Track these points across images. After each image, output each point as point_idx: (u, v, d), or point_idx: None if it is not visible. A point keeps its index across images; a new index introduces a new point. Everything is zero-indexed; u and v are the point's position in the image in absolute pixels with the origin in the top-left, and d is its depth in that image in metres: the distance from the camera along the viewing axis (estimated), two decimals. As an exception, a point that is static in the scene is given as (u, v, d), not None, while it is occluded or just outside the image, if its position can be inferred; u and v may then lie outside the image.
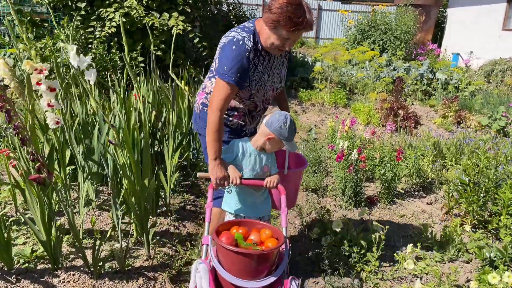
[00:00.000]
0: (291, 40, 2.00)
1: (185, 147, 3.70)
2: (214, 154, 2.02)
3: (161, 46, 6.40)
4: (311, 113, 6.78)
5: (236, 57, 1.99)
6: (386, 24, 11.32)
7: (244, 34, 2.05)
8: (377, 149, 4.08)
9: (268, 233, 1.86)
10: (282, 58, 2.26)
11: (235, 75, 2.00)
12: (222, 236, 1.77)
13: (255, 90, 2.13)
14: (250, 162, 2.10)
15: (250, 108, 2.22)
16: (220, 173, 2.01)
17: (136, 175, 2.33)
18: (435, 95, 8.43)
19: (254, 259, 1.68)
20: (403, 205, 3.67)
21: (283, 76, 2.29)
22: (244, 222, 1.96)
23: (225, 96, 2.02)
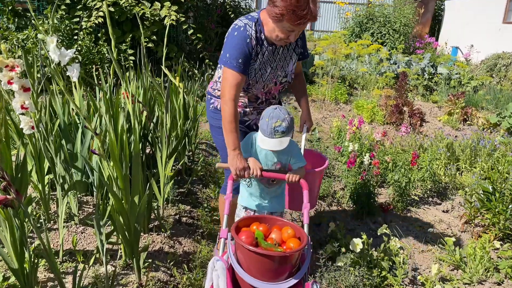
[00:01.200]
0: (295, 32, 1.95)
1: (180, 151, 3.35)
2: (233, 145, 1.99)
3: (152, 38, 6.00)
4: (312, 110, 6.44)
5: (237, 43, 1.99)
6: (384, 16, 10.99)
7: (246, 21, 2.04)
8: (389, 152, 3.77)
9: (291, 232, 1.75)
10: (290, 51, 2.17)
11: (237, 61, 1.99)
12: (242, 234, 1.68)
13: (253, 81, 2.10)
14: (261, 158, 2.05)
15: (250, 99, 2.21)
16: (240, 164, 1.96)
17: (125, 192, 1.98)
18: (437, 90, 8.16)
19: (275, 260, 1.59)
20: (418, 213, 3.37)
21: (290, 70, 2.21)
22: (265, 218, 1.87)
23: (232, 84, 2.00)
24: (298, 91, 2.40)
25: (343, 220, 3.14)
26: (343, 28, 12.21)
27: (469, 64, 10.11)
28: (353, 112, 6.38)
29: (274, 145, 1.93)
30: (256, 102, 2.24)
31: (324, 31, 18.15)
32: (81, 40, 5.64)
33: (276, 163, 2.06)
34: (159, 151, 2.70)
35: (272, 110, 1.93)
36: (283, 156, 2.06)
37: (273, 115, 1.91)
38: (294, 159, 2.08)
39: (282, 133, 1.90)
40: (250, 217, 1.87)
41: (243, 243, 1.61)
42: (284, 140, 1.93)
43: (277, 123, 1.89)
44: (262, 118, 1.95)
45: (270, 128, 1.90)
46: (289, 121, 1.92)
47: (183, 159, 3.44)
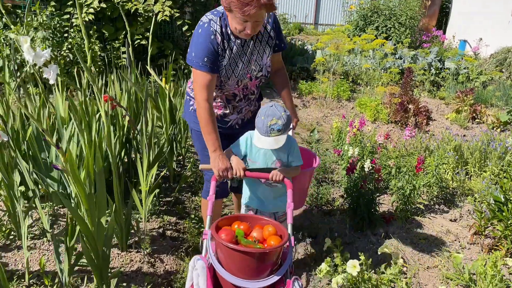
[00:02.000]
0: (250, 22, 1.87)
1: (167, 156, 3.13)
2: (213, 146, 1.96)
3: (146, 35, 5.77)
4: (313, 108, 6.19)
5: (201, 40, 1.95)
6: (390, 9, 10.66)
7: (211, 16, 1.99)
8: (392, 156, 3.52)
9: (272, 230, 1.74)
10: (263, 44, 2.09)
11: (202, 60, 1.93)
12: (221, 232, 1.67)
13: (225, 77, 2.04)
14: (260, 156, 2.02)
15: (228, 97, 2.15)
16: (222, 164, 1.94)
17: (90, 213, 1.76)
18: (444, 86, 7.85)
19: (255, 257, 1.58)
20: (423, 223, 3.13)
21: (264, 64, 2.13)
22: (246, 217, 1.86)
23: (202, 84, 1.95)
24: (280, 85, 2.31)
25: (341, 232, 2.90)
26: (347, 22, 11.90)
27: (478, 58, 9.77)
28: (355, 110, 6.12)
29: (270, 144, 1.89)
30: (235, 100, 2.17)
31: (328, 25, 17.79)
32: (72, 38, 5.42)
33: (275, 162, 2.01)
34: (140, 160, 2.48)
35: (268, 108, 1.88)
36: (283, 154, 2.01)
37: (269, 113, 1.86)
38: (291, 157, 2.04)
39: (278, 132, 1.86)
40: (231, 216, 1.85)
41: (222, 240, 1.59)
42: (281, 138, 1.89)
43: (273, 121, 1.85)
44: (258, 116, 1.90)
45: (266, 127, 1.85)
46: (285, 119, 1.87)
47: (170, 165, 3.22)
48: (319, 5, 17.75)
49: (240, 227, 1.75)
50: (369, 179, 2.86)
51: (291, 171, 2.05)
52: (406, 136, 3.41)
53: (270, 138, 1.88)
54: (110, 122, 2.18)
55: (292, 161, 2.05)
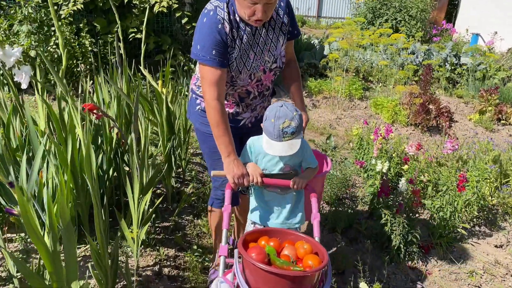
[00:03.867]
0: (260, 5, 1.64)
1: (165, 174, 2.65)
2: (226, 150, 1.76)
3: (141, 28, 5.25)
4: (324, 109, 5.70)
5: (207, 30, 1.71)
6: (400, 1, 10.14)
7: (217, 3, 1.75)
8: (424, 169, 3.04)
9: (307, 248, 1.52)
10: (276, 31, 1.86)
11: (209, 53, 1.71)
12: (251, 251, 1.44)
13: (236, 71, 1.80)
14: (266, 162, 1.80)
15: (241, 95, 1.93)
16: (237, 170, 1.73)
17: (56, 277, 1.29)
18: (461, 83, 7.37)
19: (294, 281, 1.37)
20: (467, 252, 2.66)
21: (279, 54, 1.89)
22: (274, 231, 1.63)
23: (211, 81, 1.73)
24: (289, 79, 2.03)
25: (372, 264, 2.44)
26: (354, 15, 11.38)
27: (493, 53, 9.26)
28: (370, 110, 5.64)
29: (284, 149, 1.66)
30: (249, 97, 1.94)
31: (333, 18, 17.23)
32: (60, 32, 4.91)
33: (283, 167, 1.79)
34: (130, 185, 2.01)
35: (278, 108, 1.65)
36: (293, 158, 1.77)
37: (280, 115, 1.63)
38: (306, 160, 1.83)
39: (291, 135, 1.64)
40: (256, 231, 1.63)
41: (255, 261, 1.37)
42: (295, 142, 1.66)
43: (285, 124, 1.62)
44: (267, 119, 1.68)
45: (278, 130, 1.63)
46: (298, 120, 1.65)
47: (168, 182, 2.75)
48: (322, -3, 17.20)
49: (269, 243, 1.52)
50: (405, 203, 2.39)
51: (310, 174, 1.82)
52: (448, 149, 2.93)
53: (284, 143, 1.64)
54: (91, 139, 1.70)
55: (309, 163, 1.83)
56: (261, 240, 1.56)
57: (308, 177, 1.79)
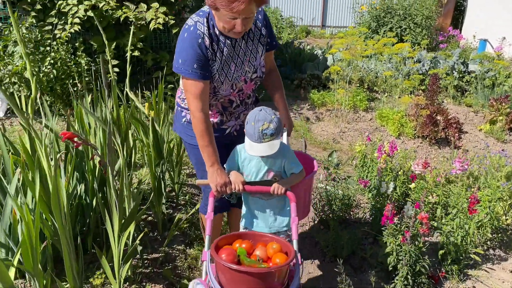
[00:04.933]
0: (239, 19, 1.71)
1: (153, 201, 2.50)
2: (210, 160, 1.86)
3: (138, 45, 5.16)
4: (327, 122, 5.53)
5: (188, 45, 1.80)
6: (404, 8, 9.98)
7: (197, 18, 1.84)
8: (432, 188, 2.85)
9: (276, 247, 1.63)
10: (255, 42, 1.94)
11: (191, 67, 1.79)
12: (222, 252, 1.55)
13: (219, 82, 1.89)
14: (251, 169, 1.90)
15: (224, 104, 2.02)
16: (220, 179, 1.84)
17: None
18: (469, 91, 7.14)
19: (260, 278, 1.45)
20: (480, 279, 2.46)
21: (258, 64, 1.98)
22: (248, 235, 1.75)
23: (195, 94, 1.81)
24: (272, 88, 2.14)
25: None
26: (358, 23, 11.24)
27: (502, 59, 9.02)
28: (375, 123, 5.45)
29: (264, 150, 1.78)
30: (232, 106, 2.03)
31: (337, 27, 17.12)
32: (55, 52, 4.84)
33: (267, 172, 1.89)
34: (109, 220, 1.85)
35: (257, 113, 1.78)
36: (275, 162, 1.89)
37: (259, 118, 1.75)
38: (288, 164, 1.91)
39: (271, 136, 1.76)
40: (232, 235, 1.75)
41: (223, 261, 1.48)
42: (275, 143, 1.78)
43: (265, 126, 1.74)
44: (248, 123, 1.79)
45: (258, 132, 1.74)
46: (276, 122, 1.77)
47: (158, 210, 2.59)
48: (326, 6, 17.11)
49: (242, 245, 1.63)
50: (412, 230, 2.20)
51: (294, 180, 1.91)
52: (457, 169, 2.73)
53: (264, 144, 1.76)
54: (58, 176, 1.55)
55: (292, 168, 1.91)
56: (235, 243, 1.66)
57: (290, 182, 1.87)
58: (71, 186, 2.19)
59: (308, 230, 2.96)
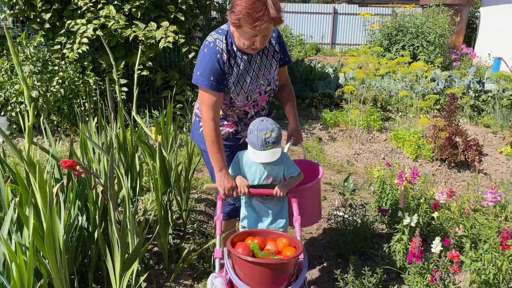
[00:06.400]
0: (259, 37, 1.88)
1: (160, 231, 2.33)
2: (218, 165, 1.99)
3: (148, 64, 5.08)
4: (341, 143, 5.35)
5: (207, 60, 1.97)
6: (416, 26, 9.86)
7: (216, 35, 2.02)
8: (458, 219, 2.64)
9: (286, 242, 1.77)
10: (269, 58, 2.13)
11: (208, 79, 1.96)
12: (237, 247, 1.69)
13: (235, 94, 2.05)
14: (252, 174, 2.04)
15: (239, 115, 2.17)
16: (228, 184, 1.97)
17: None
18: (486, 111, 6.93)
19: (274, 269, 1.60)
20: (516, 323, 2.23)
21: (272, 78, 2.16)
22: (259, 232, 1.89)
23: (208, 104, 1.98)
24: (284, 100, 2.29)
25: None
26: (369, 41, 11.14)
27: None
28: (390, 144, 5.26)
29: (267, 157, 1.91)
30: (246, 117, 2.19)
31: (347, 44, 17.09)
32: (64, 71, 4.76)
33: (267, 177, 2.03)
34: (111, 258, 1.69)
35: (260, 123, 1.92)
36: (274, 168, 2.04)
37: (261, 127, 1.89)
38: (288, 170, 2.07)
39: (273, 144, 1.89)
40: (243, 232, 1.87)
41: (240, 254, 1.61)
42: (276, 150, 1.91)
43: (267, 135, 1.88)
44: (251, 132, 1.93)
45: (261, 141, 1.88)
46: (277, 131, 1.92)
47: (164, 241, 2.42)
48: (336, 24, 17.13)
49: (254, 241, 1.77)
50: (441, 269, 2.00)
51: (294, 182, 2.06)
52: (489, 201, 2.53)
53: (267, 151, 1.89)
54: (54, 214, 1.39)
55: (291, 173, 2.07)
56: (247, 239, 1.79)
57: (290, 185, 2.02)
58: (71, 217, 2.04)
59: (323, 262, 2.76)
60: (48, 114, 4.74)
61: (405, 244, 2.46)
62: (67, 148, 4.51)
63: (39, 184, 1.34)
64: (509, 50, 10.39)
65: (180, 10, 5.20)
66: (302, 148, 2.63)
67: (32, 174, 1.36)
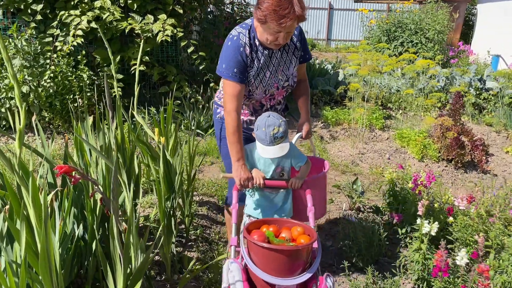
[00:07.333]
0: (283, 33, 1.95)
1: (163, 242, 2.16)
2: (237, 155, 2.04)
3: (144, 59, 4.87)
4: (343, 141, 5.21)
5: (231, 52, 2.05)
6: (415, 23, 9.73)
7: (240, 29, 2.09)
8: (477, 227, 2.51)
9: (300, 230, 1.81)
10: (289, 54, 2.18)
11: (232, 71, 2.03)
12: (253, 234, 1.72)
13: (253, 87, 2.12)
14: (261, 166, 2.09)
15: (255, 107, 2.24)
16: (244, 174, 2.02)
17: None
18: (488, 109, 6.83)
19: (288, 255, 1.63)
20: (543, 338, 2.10)
21: (291, 74, 2.21)
22: (274, 220, 1.92)
23: (232, 94, 2.04)
24: (299, 93, 2.32)
25: None
26: (367, 38, 10.99)
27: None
28: (394, 143, 5.12)
29: (276, 152, 1.95)
30: (262, 109, 2.24)
31: (342, 40, 16.93)
32: (56, 65, 4.54)
33: (276, 169, 2.08)
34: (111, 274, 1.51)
35: (266, 119, 1.95)
36: (282, 160, 2.08)
37: (269, 123, 1.92)
38: (295, 160, 2.12)
39: (281, 138, 1.93)
40: (259, 221, 1.90)
41: (256, 240, 1.64)
42: (285, 145, 1.95)
43: (275, 130, 1.91)
44: (258, 128, 1.96)
45: (270, 137, 1.91)
46: (284, 126, 1.95)
47: (167, 251, 2.25)
48: (331, 20, 16.95)
49: (269, 229, 1.80)
50: (470, 285, 1.86)
51: (305, 172, 2.10)
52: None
53: (276, 146, 1.93)
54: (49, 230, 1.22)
55: (299, 162, 2.11)
56: (263, 227, 1.82)
57: (303, 176, 2.07)
58: (67, 227, 1.86)
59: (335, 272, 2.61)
60: (40, 110, 4.52)
61: (424, 254, 2.31)
62: (59, 147, 4.30)
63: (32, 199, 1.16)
64: (507, 47, 10.32)
65: (178, 3, 4.99)
66: (311, 143, 2.71)
67: (24, 187, 1.18)
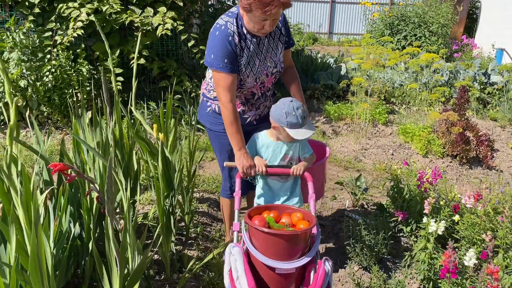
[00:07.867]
0: (269, 21, 1.94)
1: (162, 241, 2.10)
2: (238, 145, 2.06)
3: (144, 52, 4.79)
4: (346, 137, 5.13)
5: (219, 42, 2.00)
6: (419, 16, 9.60)
7: (227, 18, 2.05)
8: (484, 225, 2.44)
9: (300, 216, 1.86)
10: (275, 40, 2.19)
11: (222, 62, 2.00)
12: (254, 219, 1.77)
13: (245, 76, 2.11)
14: (269, 154, 2.12)
15: (247, 96, 2.23)
16: (246, 162, 2.04)
17: None
18: (492, 104, 6.74)
19: (288, 240, 1.67)
20: None
21: (278, 60, 2.23)
22: (275, 206, 1.97)
23: (225, 86, 2.02)
24: (290, 82, 2.33)
25: None
26: (369, 31, 10.87)
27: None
28: (398, 139, 5.05)
29: (307, 132, 2.01)
30: (253, 98, 2.25)
31: (344, 34, 16.77)
32: (55, 59, 4.47)
33: (284, 157, 2.12)
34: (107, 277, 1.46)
35: (290, 103, 1.99)
36: (291, 147, 2.13)
37: (295, 106, 1.98)
38: (302, 149, 2.18)
39: (305, 119, 2.02)
40: (260, 207, 1.94)
41: (257, 225, 1.70)
42: (309, 123, 2.05)
43: (300, 112, 1.99)
44: (288, 115, 1.97)
45: (301, 118, 1.98)
46: (303, 105, 2.06)
47: (166, 249, 2.19)
48: (333, 14, 16.78)
49: (270, 215, 1.84)
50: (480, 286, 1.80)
51: (309, 162, 2.16)
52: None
53: (305, 126, 2.00)
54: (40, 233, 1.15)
55: (305, 153, 2.18)
56: (264, 213, 1.87)
57: (306, 165, 2.11)
58: (63, 226, 1.80)
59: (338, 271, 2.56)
60: (38, 105, 4.45)
61: (430, 254, 2.25)
62: (58, 142, 4.24)
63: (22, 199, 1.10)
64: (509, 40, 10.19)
65: (179, -5, 4.89)
66: None
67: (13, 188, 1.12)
